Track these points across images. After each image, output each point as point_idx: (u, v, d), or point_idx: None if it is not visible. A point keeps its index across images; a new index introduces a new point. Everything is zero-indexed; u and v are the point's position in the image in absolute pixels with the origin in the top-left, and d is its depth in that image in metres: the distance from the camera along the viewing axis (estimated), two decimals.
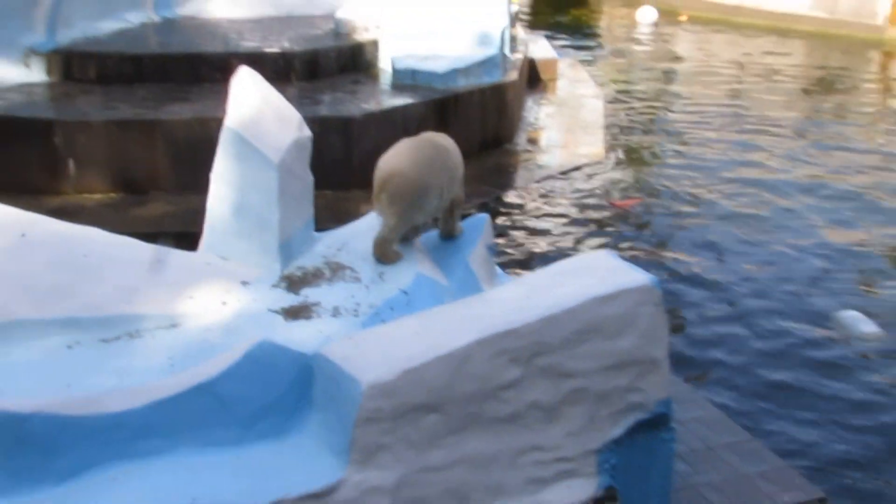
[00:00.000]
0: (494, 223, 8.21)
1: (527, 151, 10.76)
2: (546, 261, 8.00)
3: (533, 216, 9.14)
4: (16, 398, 3.42)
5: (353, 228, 4.76)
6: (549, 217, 9.12)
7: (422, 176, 4.32)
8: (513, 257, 8.19)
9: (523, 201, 9.45)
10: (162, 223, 8.12)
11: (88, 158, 8.75)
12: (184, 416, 3.58)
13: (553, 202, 9.44)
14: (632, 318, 3.91)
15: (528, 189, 9.72)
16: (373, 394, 3.46)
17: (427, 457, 3.62)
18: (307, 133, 4.66)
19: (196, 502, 3.35)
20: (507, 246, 8.42)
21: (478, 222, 4.87)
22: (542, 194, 9.62)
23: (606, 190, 9.84)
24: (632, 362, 3.96)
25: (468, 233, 4.79)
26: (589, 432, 3.95)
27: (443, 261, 4.62)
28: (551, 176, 10.04)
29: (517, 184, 9.81)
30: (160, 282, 4.20)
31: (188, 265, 4.37)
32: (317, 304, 4.17)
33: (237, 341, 3.78)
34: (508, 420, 3.76)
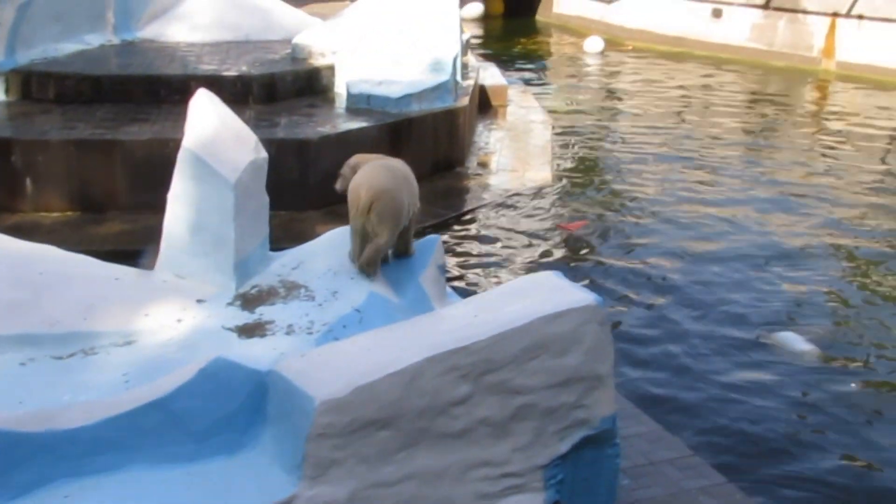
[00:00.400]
0: (445, 244, 8.37)
1: (477, 175, 10.93)
2: (495, 281, 8.14)
3: (483, 237, 9.29)
4: None
5: (308, 248, 4.84)
6: (499, 238, 9.27)
7: (403, 195, 4.57)
8: (463, 277, 8.32)
9: (474, 223, 9.60)
10: (119, 241, 8.12)
11: (46, 177, 8.74)
12: (138, 432, 3.62)
13: (502, 224, 9.60)
14: (578, 336, 4.04)
15: (479, 211, 9.87)
16: (326, 409, 3.54)
17: (379, 472, 3.70)
18: (263, 154, 4.75)
19: None
20: (458, 266, 8.54)
21: (430, 243, 4.99)
22: (492, 217, 9.78)
23: (554, 212, 10.03)
24: (578, 379, 4.09)
25: (420, 253, 4.91)
26: (536, 448, 4.06)
27: (395, 280, 4.72)
28: (501, 199, 10.21)
29: (468, 206, 9.96)
30: (116, 299, 4.24)
31: (144, 283, 4.42)
32: (271, 322, 4.24)
33: (192, 358, 3.84)
34: (458, 436, 3.86)
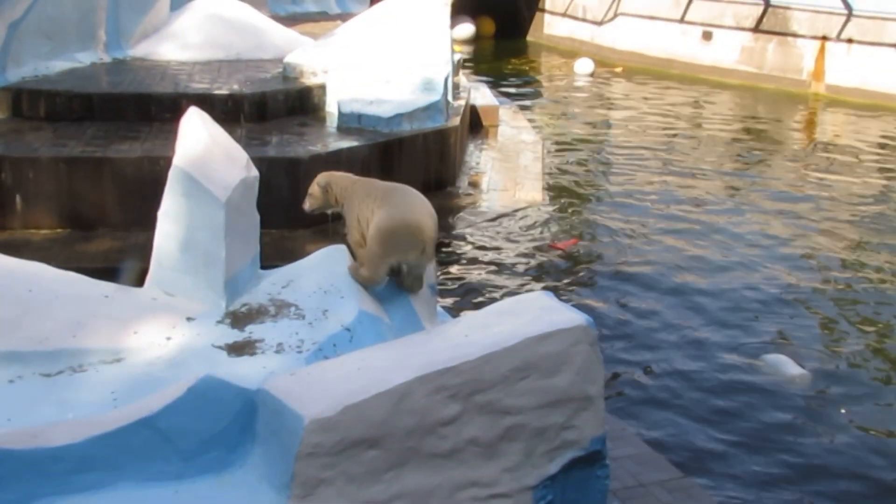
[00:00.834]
0: (436, 263, 8.37)
1: (468, 195, 10.95)
2: (486, 300, 8.14)
3: (474, 257, 9.30)
4: None
5: (299, 266, 4.84)
6: (490, 258, 9.29)
7: None
8: (454, 297, 8.32)
9: (464, 243, 9.61)
10: (108, 259, 8.10)
11: (36, 194, 8.71)
12: (125, 450, 3.60)
13: (493, 244, 9.62)
14: (567, 357, 4.04)
15: (470, 231, 9.89)
16: (314, 428, 3.53)
17: (367, 491, 3.69)
18: (254, 173, 4.75)
19: None
20: (449, 285, 8.55)
21: None
22: (483, 236, 9.79)
23: (545, 232, 10.06)
24: (567, 400, 4.08)
25: None
26: (525, 469, 4.05)
27: (385, 299, 4.71)
28: (492, 218, 10.23)
29: (459, 226, 9.98)
30: (105, 316, 4.23)
31: (134, 300, 4.41)
32: (261, 341, 4.23)
33: (181, 376, 3.82)
34: (447, 456, 3.85)
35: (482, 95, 14.57)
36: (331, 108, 10.77)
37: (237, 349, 4.17)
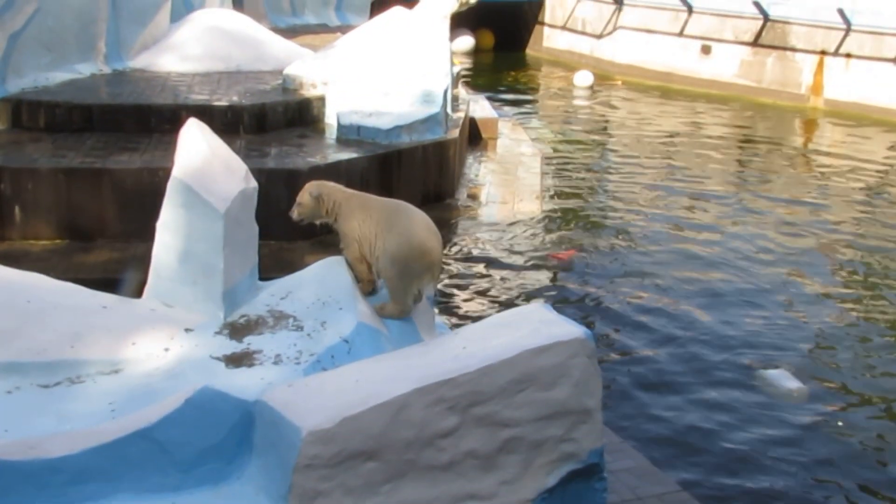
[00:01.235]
0: None
1: (467, 207, 10.97)
2: (484, 312, 8.14)
3: (472, 269, 9.31)
4: None
5: (297, 278, 4.83)
6: (488, 270, 9.29)
7: None
8: (452, 309, 8.32)
9: (463, 255, 9.61)
10: (107, 270, 8.09)
11: (35, 205, 8.73)
12: (123, 462, 3.59)
13: (492, 256, 9.62)
14: (566, 369, 4.04)
15: (468, 243, 9.90)
16: (312, 440, 3.52)
17: (365, 503, 3.68)
18: (253, 184, 4.75)
19: None
20: (448, 297, 8.55)
21: None
22: (482, 248, 9.80)
23: (544, 244, 10.07)
24: (566, 412, 4.08)
25: None
26: (524, 481, 4.04)
27: None
28: (491, 230, 10.24)
29: (457, 238, 9.99)
30: (103, 327, 4.22)
31: (132, 311, 4.40)
32: (259, 352, 4.23)
33: (179, 387, 3.82)
34: (445, 468, 3.84)
35: (481, 108, 14.61)
36: (330, 120, 10.80)
37: (235, 360, 4.17)
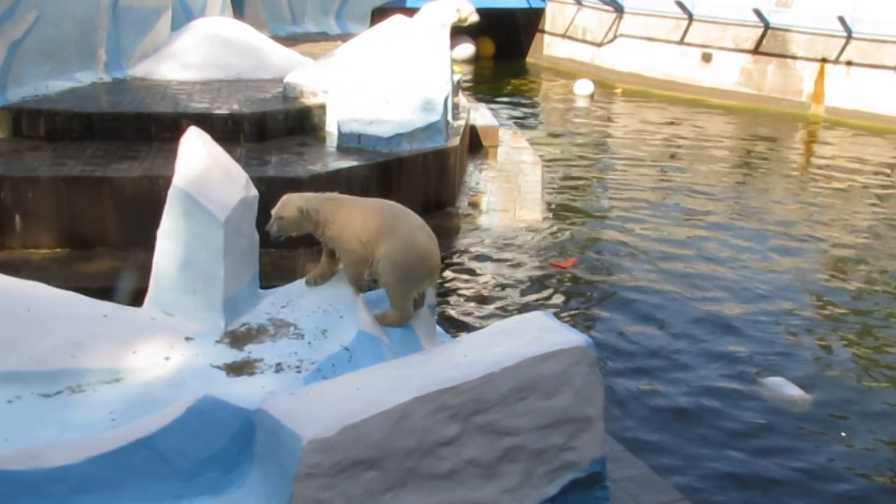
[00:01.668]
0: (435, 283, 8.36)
1: (468, 215, 10.97)
2: (485, 320, 8.13)
3: (473, 277, 9.30)
4: None
5: (298, 286, 4.83)
6: (489, 278, 9.29)
7: None
8: (453, 317, 8.31)
9: (464, 263, 9.61)
10: (108, 278, 8.09)
11: (36, 214, 8.72)
12: (124, 471, 3.59)
13: (493, 264, 9.62)
14: (567, 378, 4.04)
15: (469, 251, 9.90)
16: (313, 449, 3.52)
17: None
18: (254, 192, 4.76)
19: None
20: (448, 305, 8.54)
21: None
22: (483, 256, 9.80)
23: (545, 252, 10.07)
24: (567, 420, 4.08)
25: None
26: (525, 490, 4.04)
27: None
28: (492, 238, 10.24)
29: (458, 246, 9.98)
30: (104, 336, 4.22)
31: (133, 320, 4.40)
32: (260, 360, 4.22)
33: (180, 396, 3.81)
34: (446, 476, 3.84)
35: (482, 116, 14.62)
36: (330, 128, 10.81)
37: (236, 369, 4.16)
